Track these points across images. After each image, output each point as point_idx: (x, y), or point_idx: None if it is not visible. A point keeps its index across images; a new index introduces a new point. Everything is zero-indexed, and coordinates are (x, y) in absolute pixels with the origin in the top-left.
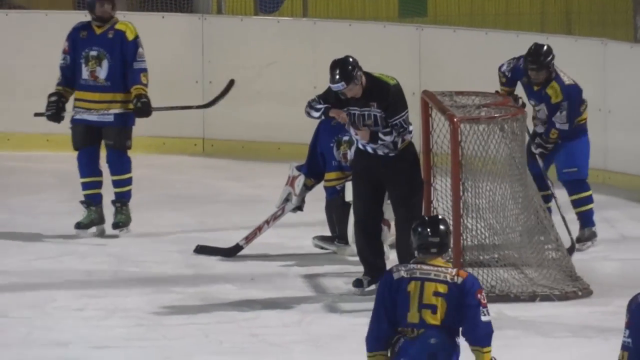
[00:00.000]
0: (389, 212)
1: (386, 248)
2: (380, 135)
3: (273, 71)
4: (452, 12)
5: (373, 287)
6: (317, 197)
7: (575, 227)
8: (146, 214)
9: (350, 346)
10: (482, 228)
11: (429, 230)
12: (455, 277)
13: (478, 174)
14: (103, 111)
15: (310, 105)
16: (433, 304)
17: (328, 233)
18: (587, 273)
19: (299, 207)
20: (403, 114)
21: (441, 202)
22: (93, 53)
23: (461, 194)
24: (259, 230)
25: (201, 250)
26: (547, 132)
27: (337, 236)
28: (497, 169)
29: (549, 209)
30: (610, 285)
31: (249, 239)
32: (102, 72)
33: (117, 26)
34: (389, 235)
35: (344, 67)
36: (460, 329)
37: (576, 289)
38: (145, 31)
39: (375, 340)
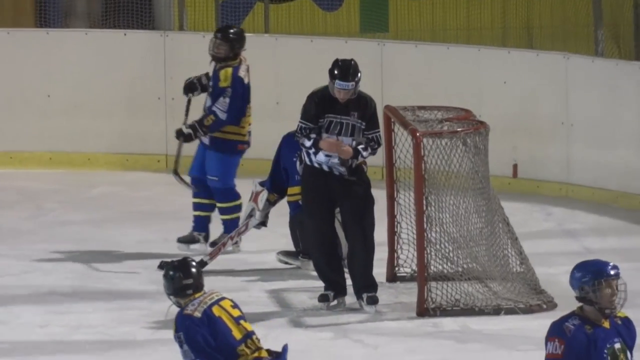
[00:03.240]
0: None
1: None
2: (361, 151)
3: None
4: (413, 27)
5: (337, 301)
6: (281, 212)
7: None
8: (110, 230)
9: None
10: (446, 242)
11: (181, 273)
12: None
13: (441, 188)
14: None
15: (302, 134)
16: None
17: (292, 248)
18: (551, 286)
19: (263, 223)
20: (379, 130)
21: (405, 217)
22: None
23: (425, 208)
24: (223, 246)
25: (165, 266)
26: (204, 116)
27: (301, 251)
28: (460, 182)
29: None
30: (574, 298)
31: (213, 254)
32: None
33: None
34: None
35: (356, 69)
36: None
37: (540, 302)
38: (107, 48)
39: None
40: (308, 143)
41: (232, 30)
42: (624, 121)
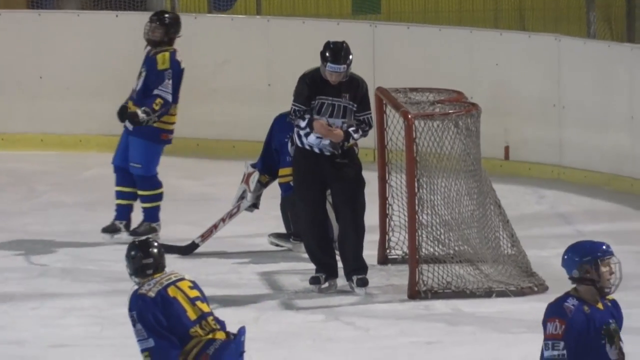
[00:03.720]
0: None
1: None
2: (352, 133)
3: (227, 69)
4: (405, 9)
5: (329, 284)
6: (272, 194)
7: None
8: (102, 212)
9: (306, 343)
10: (437, 224)
11: (141, 253)
12: None
13: (433, 170)
14: None
15: (297, 115)
16: None
17: (283, 230)
18: (542, 269)
19: (255, 205)
20: (370, 112)
21: (396, 199)
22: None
23: (416, 190)
24: (214, 228)
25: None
26: (150, 102)
27: (292, 233)
28: (452, 165)
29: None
30: (566, 281)
31: (204, 236)
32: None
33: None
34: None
35: (347, 51)
36: None
37: (532, 284)
38: (99, 30)
39: None
40: (303, 123)
41: (167, 15)
42: (616, 103)
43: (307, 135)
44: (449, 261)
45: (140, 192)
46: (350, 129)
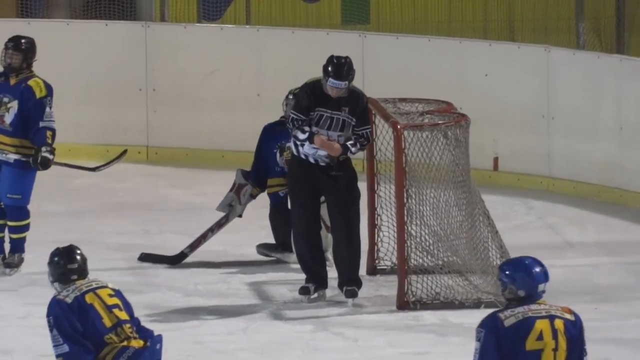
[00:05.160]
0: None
1: (327, 255)
2: (350, 147)
3: (217, 78)
4: (395, 19)
5: (318, 294)
6: (261, 204)
7: None
8: (90, 221)
9: (295, 353)
10: (426, 235)
11: (65, 259)
12: None
13: (422, 181)
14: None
15: (295, 125)
16: None
17: (272, 240)
18: None
19: (239, 215)
20: (369, 127)
21: (385, 209)
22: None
23: (405, 200)
24: (203, 238)
25: (145, 258)
26: (42, 137)
27: (281, 243)
28: (441, 175)
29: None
30: (555, 292)
31: (193, 246)
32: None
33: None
34: (330, 242)
35: (350, 67)
36: None
37: None
38: (88, 39)
39: None
40: (302, 136)
41: (24, 40)
42: (605, 114)
43: (302, 144)
44: (437, 272)
45: (11, 223)
46: (348, 143)
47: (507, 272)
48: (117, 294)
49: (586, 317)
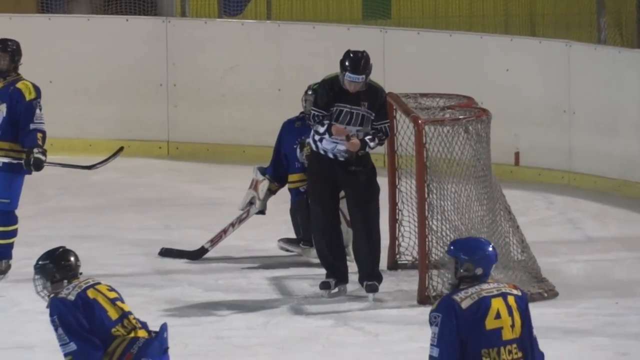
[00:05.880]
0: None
1: (348, 249)
2: (369, 142)
3: (237, 73)
4: (415, 14)
5: (338, 289)
6: (282, 199)
7: None
8: (110, 216)
9: (316, 348)
10: (447, 230)
11: (58, 260)
12: None
13: (443, 176)
14: None
15: (316, 120)
16: None
17: (293, 235)
18: (552, 274)
19: (262, 211)
20: (388, 121)
21: (406, 204)
22: None
23: (426, 195)
24: (224, 233)
25: (166, 253)
26: (33, 139)
27: (302, 238)
28: (462, 170)
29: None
30: (576, 287)
31: (214, 241)
32: None
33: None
34: (350, 236)
35: (367, 61)
36: None
37: (542, 290)
38: (109, 34)
39: None
40: (322, 129)
41: (10, 42)
42: (626, 109)
43: (321, 140)
44: None
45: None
46: (367, 138)
47: (465, 250)
48: (113, 289)
49: (607, 312)
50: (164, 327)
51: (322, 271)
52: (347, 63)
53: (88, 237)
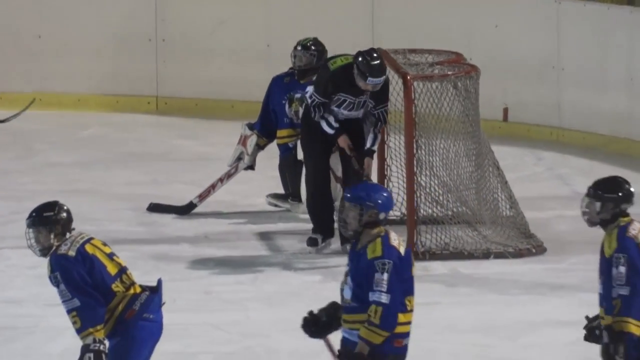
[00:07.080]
0: (339, 169)
1: (336, 204)
2: (373, 146)
3: (226, 29)
4: None
5: (325, 244)
6: (270, 155)
7: None
8: (99, 172)
9: (304, 303)
10: (435, 185)
11: (64, 210)
12: None
13: (431, 132)
14: None
15: (323, 118)
16: None
17: (281, 191)
18: (540, 230)
19: (251, 167)
20: (386, 104)
21: (395, 160)
22: None
23: (415, 151)
24: (212, 188)
25: (154, 208)
26: None
27: (291, 194)
28: (450, 126)
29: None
30: (564, 243)
31: (202, 196)
32: None
33: None
34: (340, 192)
35: (382, 60)
36: None
37: (530, 246)
38: None
39: None
40: (330, 130)
41: None
42: (614, 65)
43: (321, 119)
44: (447, 222)
45: None
46: (369, 142)
47: (372, 195)
48: (106, 243)
49: (595, 268)
50: (160, 282)
51: (311, 226)
52: (365, 70)
53: (76, 192)
